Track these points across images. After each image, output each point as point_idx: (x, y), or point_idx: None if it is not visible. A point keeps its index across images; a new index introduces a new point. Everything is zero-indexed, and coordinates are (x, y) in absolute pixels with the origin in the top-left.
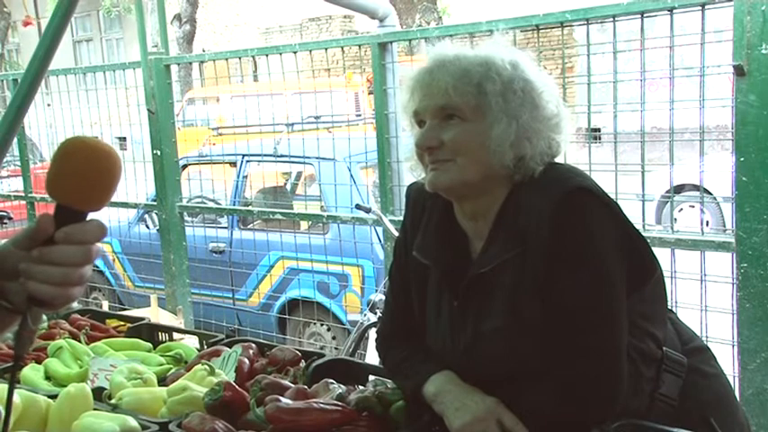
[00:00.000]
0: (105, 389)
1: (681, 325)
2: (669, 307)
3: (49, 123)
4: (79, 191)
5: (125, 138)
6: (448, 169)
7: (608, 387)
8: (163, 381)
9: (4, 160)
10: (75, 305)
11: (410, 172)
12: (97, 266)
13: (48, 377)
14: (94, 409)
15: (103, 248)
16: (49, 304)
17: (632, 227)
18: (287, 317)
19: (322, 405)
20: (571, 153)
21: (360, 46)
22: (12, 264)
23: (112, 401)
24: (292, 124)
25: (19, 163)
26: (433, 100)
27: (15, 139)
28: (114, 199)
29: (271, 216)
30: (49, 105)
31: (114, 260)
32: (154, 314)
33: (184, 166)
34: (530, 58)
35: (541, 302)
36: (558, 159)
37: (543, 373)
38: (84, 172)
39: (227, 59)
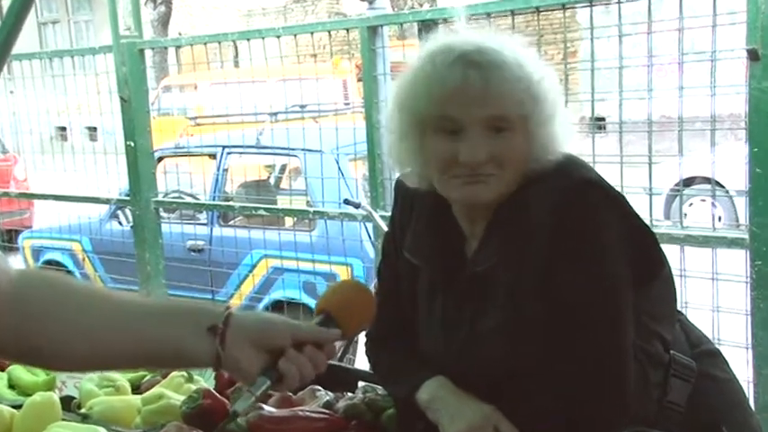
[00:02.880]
0: (74, 398)
1: (690, 327)
2: (678, 308)
3: (12, 112)
4: (353, 322)
5: (95, 128)
6: (490, 183)
7: (613, 386)
8: (137, 388)
9: None
10: None
11: (395, 167)
12: (65, 266)
13: (11, 385)
14: (63, 420)
15: (72, 246)
16: (278, 386)
17: (640, 221)
18: None
19: (308, 413)
20: (573, 143)
21: (348, 30)
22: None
23: (82, 411)
24: (276, 113)
25: None
26: (486, 109)
27: None
28: (84, 194)
29: (253, 212)
30: (12, 92)
31: (84, 259)
32: None
33: (160, 159)
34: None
35: (542, 300)
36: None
37: (544, 374)
38: (365, 314)
39: (205, 44)
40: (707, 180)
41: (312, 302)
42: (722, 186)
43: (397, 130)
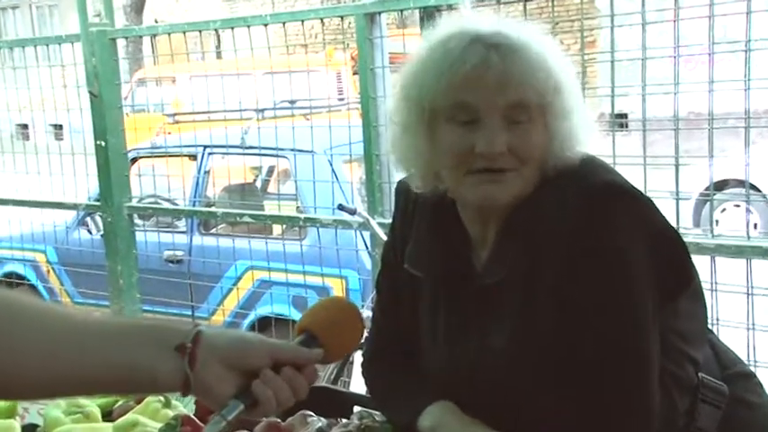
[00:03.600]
0: (38, 426)
1: (721, 347)
2: (708, 325)
3: None
4: (338, 344)
5: (61, 125)
6: (509, 181)
7: (635, 403)
8: (108, 415)
9: None
10: None
11: (396, 166)
12: (27, 279)
13: None
14: None
15: (35, 257)
16: (252, 411)
17: (669, 227)
18: None
19: None
20: (593, 143)
21: (342, 17)
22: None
23: None
24: (263, 110)
25: None
26: (506, 95)
27: None
28: (49, 198)
29: (237, 219)
30: None
31: (48, 272)
32: None
33: (134, 160)
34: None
35: (557, 315)
36: None
37: (557, 396)
38: (351, 335)
39: (184, 32)
40: (741, 183)
41: None
42: (758, 190)
43: (401, 122)
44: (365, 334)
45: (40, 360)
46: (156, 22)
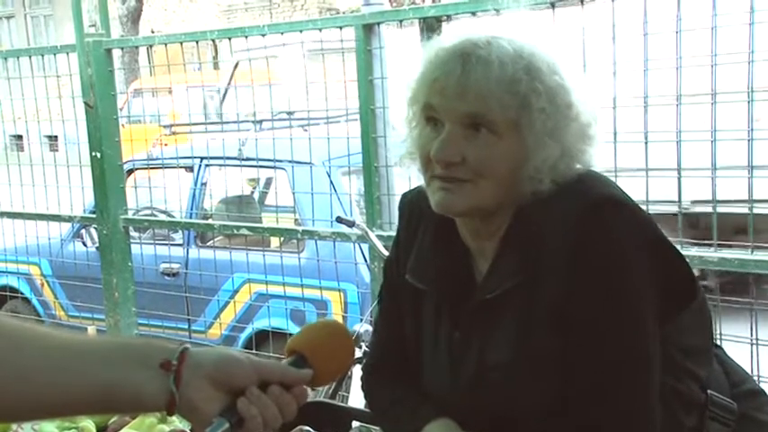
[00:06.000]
0: None
1: (730, 363)
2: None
3: None
4: (327, 367)
5: (56, 136)
6: (464, 191)
7: (636, 404)
8: (103, 430)
9: None
10: None
11: (400, 166)
12: (21, 292)
13: None
14: None
15: (29, 270)
16: (238, 430)
17: (668, 242)
18: (254, 352)
19: None
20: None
21: (341, 28)
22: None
23: None
24: (261, 121)
25: None
26: (464, 104)
27: None
28: (43, 211)
29: (235, 231)
30: None
31: (43, 285)
32: None
33: (130, 172)
34: (557, 44)
35: (558, 334)
36: None
37: (559, 413)
38: (341, 359)
39: (181, 43)
40: None
41: None
42: None
43: (406, 118)
44: (364, 349)
45: (18, 381)
46: (153, 32)
